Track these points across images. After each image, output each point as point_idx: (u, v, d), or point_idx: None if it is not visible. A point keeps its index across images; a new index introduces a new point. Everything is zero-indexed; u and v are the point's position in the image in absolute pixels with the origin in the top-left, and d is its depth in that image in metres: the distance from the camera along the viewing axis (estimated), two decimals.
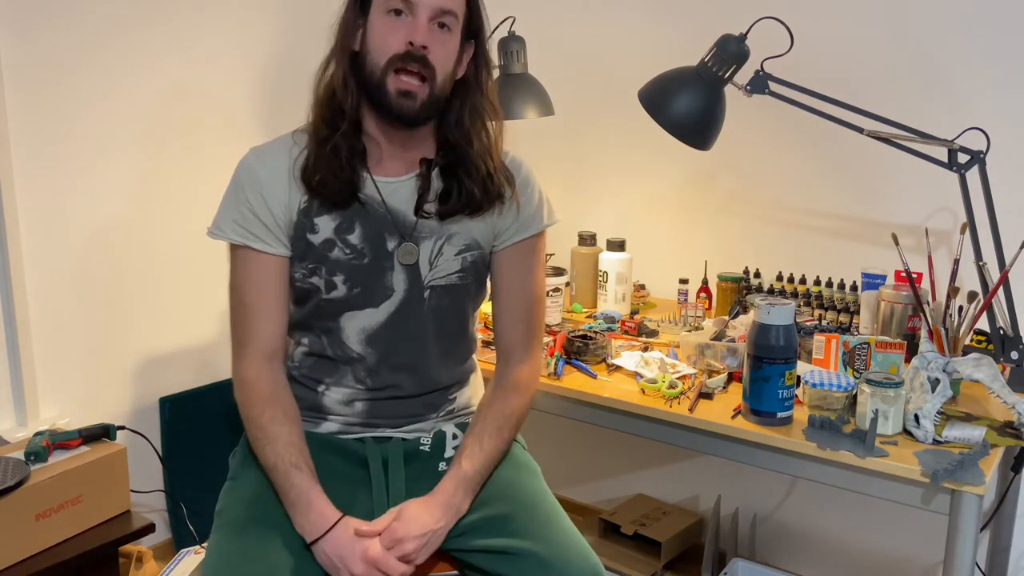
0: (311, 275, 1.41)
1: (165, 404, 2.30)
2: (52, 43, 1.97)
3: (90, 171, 2.08)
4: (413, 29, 1.32)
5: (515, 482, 1.43)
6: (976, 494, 1.32)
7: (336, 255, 1.40)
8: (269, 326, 1.42)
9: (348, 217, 1.40)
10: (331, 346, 1.44)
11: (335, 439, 1.46)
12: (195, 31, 2.23)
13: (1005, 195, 1.74)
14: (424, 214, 1.41)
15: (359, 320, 1.42)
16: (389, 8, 1.33)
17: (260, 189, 1.39)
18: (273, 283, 1.41)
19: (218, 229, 1.42)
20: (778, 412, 1.49)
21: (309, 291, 1.42)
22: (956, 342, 1.61)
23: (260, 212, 1.39)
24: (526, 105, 2.11)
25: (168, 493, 2.27)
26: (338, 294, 1.41)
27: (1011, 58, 1.83)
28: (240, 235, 1.39)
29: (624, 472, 2.52)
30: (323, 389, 1.46)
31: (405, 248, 1.41)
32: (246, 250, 1.40)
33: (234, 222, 1.40)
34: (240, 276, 1.42)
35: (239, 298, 1.42)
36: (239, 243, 1.40)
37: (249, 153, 1.43)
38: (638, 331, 1.97)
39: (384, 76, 1.33)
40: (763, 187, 2.18)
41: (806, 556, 2.25)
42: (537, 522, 1.36)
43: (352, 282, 1.41)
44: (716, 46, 1.71)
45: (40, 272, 2.01)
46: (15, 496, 1.55)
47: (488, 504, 1.39)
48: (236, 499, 1.40)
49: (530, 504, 1.40)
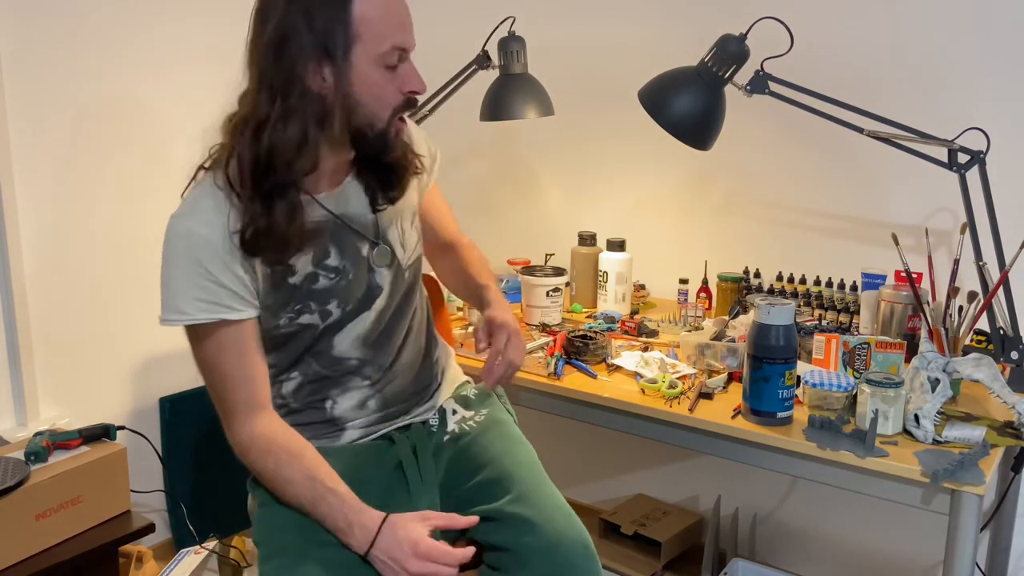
0: (299, 316, 1.36)
1: (165, 404, 2.30)
2: (52, 43, 1.97)
3: (90, 171, 2.08)
4: (410, 78, 1.29)
5: (508, 452, 1.46)
6: (976, 494, 1.32)
7: (322, 284, 1.36)
8: (253, 388, 1.34)
9: (320, 243, 1.35)
10: (326, 366, 1.42)
11: (357, 446, 1.45)
12: (195, 29, 2.23)
13: (1005, 195, 1.74)
14: (380, 207, 1.40)
15: (352, 330, 1.41)
16: (387, 63, 1.26)
17: (218, 255, 1.26)
18: (251, 346, 1.32)
19: (178, 314, 1.27)
20: (778, 412, 1.49)
21: (296, 332, 1.37)
22: (956, 342, 1.61)
23: (225, 279, 1.27)
24: (526, 105, 2.10)
25: (168, 493, 2.27)
26: (334, 319, 1.39)
27: (1011, 58, 1.83)
28: (209, 311, 1.27)
29: (624, 472, 2.52)
30: (331, 405, 1.44)
31: (379, 251, 1.41)
32: (216, 326, 1.29)
33: (197, 300, 1.26)
34: (212, 351, 1.30)
35: (216, 371, 1.32)
36: (210, 320, 1.28)
37: (181, 221, 1.27)
38: (638, 331, 1.97)
39: (387, 127, 1.30)
40: (763, 187, 2.18)
41: (806, 556, 2.25)
42: (527, 488, 1.38)
43: (345, 302, 1.39)
44: (716, 46, 1.71)
45: (40, 272, 2.01)
46: (15, 496, 1.54)
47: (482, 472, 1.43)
48: (280, 525, 1.35)
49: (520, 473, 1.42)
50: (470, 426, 1.52)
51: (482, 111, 2.15)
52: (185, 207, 1.29)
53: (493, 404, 1.59)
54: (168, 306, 1.28)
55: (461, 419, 1.54)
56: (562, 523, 1.34)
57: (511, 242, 2.57)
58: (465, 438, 1.50)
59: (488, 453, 1.45)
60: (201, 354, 1.32)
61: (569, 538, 1.33)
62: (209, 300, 1.27)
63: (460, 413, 1.55)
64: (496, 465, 1.43)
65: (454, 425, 1.52)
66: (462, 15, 2.56)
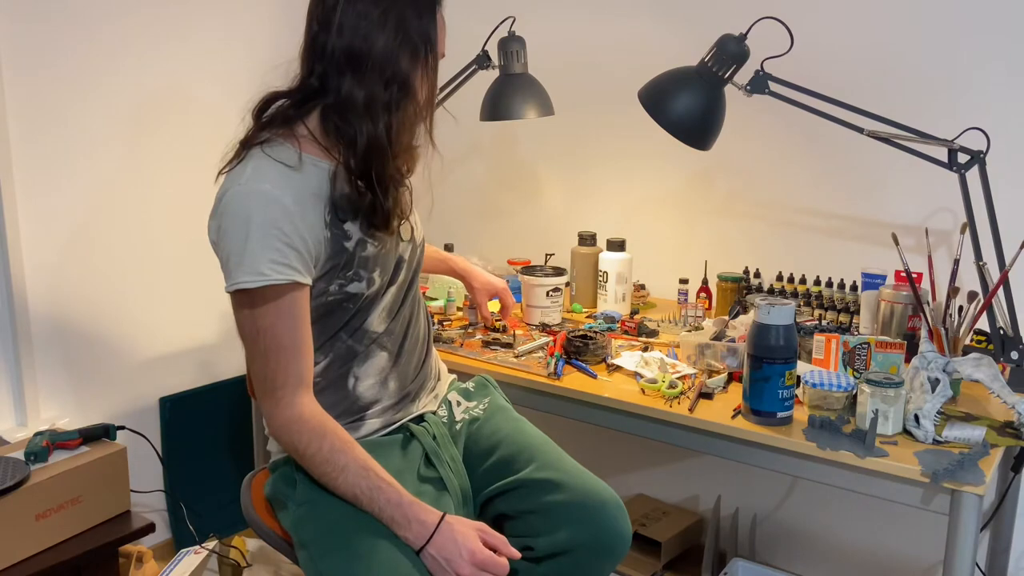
0: (348, 283, 1.37)
1: (165, 404, 2.30)
2: (52, 41, 1.97)
3: (90, 171, 2.08)
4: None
5: (518, 430, 1.53)
6: (976, 494, 1.32)
7: (369, 251, 1.38)
8: (305, 362, 1.33)
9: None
10: (358, 341, 1.43)
11: (379, 441, 1.45)
12: (196, 28, 2.23)
13: (1005, 195, 1.74)
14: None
15: (383, 302, 1.44)
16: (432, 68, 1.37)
17: (291, 218, 1.27)
18: (305, 317, 1.33)
19: (258, 275, 1.26)
20: (778, 412, 1.49)
21: (341, 302, 1.38)
22: (956, 342, 1.61)
23: (297, 243, 1.28)
24: (526, 105, 2.10)
25: (168, 493, 2.27)
26: (376, 288, 1.41)
27: (1011, 58, 1.83)
28: (284, 273, 1.27)
29: (624, 472, 2.52)
30: (353, 383, 1.44)
31: (406, 226, 1.46)
32: (283, 288, 1.28)
33: (272, 262, 1.26)
34: (272, 317, 1.29)
35: (272, 341, 1.30)
36: (284, 282, 1.27)
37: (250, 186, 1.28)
38: (638, 331, 1.97)
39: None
40: (763, 187, 2.18)
41: (806, 556, 2.25)
42: (547, 457, 1.47)
43: (384, 272, 1.42)
44: (716, 46, 1.71)
45: (40, 272, 2.01)
46: (15, 496, 1.55)
47: (496, 452, 1.50)
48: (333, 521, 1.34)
49: (535, 445, 1.50)
50: (475, 414, 1.57)
51: (482, 111, 2.15)
52: (247, 176, 1.29)
53: (492, 394, 1.63)
54: (247, 268, 1.26)
55: (465, 409, 1.58)
56: (590, 481, 1.43)
57: (511, 242, 2.57)
58: (474, 424, 1.55)
59: (499, 434, 1.52)
60: (256, 323, 1.30)
61: (599, 492, 1.43)
62: (284, 263, 1.27)
63: (464, 404, 1.60)
64: (510, 442, 1.50)
65: (461, 414, 1.57)
66: (462, 15, 2.55)
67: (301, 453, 1.33)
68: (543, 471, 1.44)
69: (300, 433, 1.31)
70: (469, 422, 1.56)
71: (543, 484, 1.42)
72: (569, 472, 1.45)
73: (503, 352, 1.88)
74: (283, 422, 1.32)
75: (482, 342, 1.94)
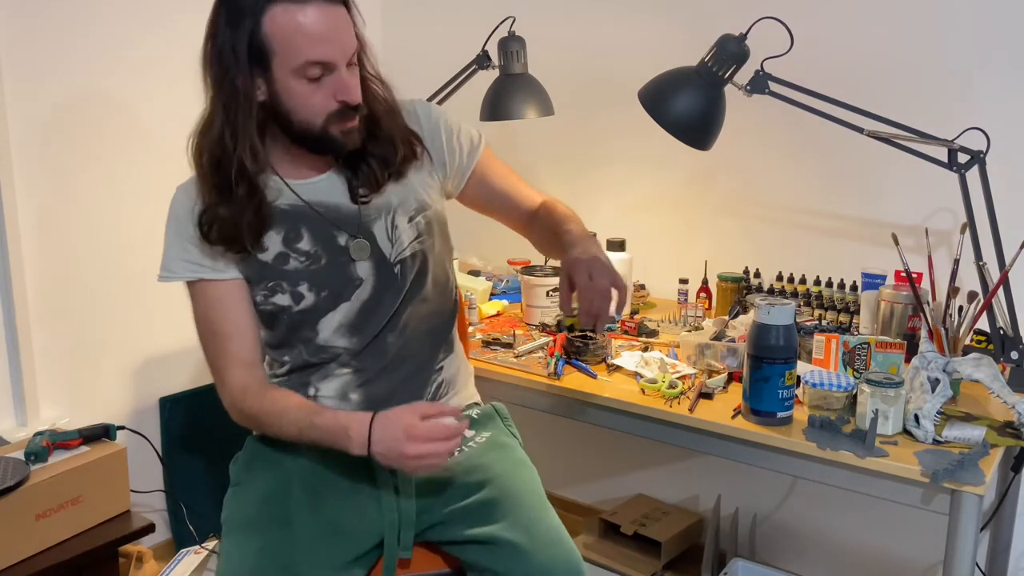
0: (272, 294, 1.40)
1: (165, 404, 2.30)
2: (53, 41, 1.97)
3: (89, 170, 2.08)
4: (340, 87, 1.31)
5: (509, 475, 1.44)
6: (976, 494, 1.32)
7: (293, 266, 1.39)
8: (245, 343, 1.41)
9: (292, 226, 1.39)
10: (312, 354, 1.44)
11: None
12: (197, 26, 2.23)
13: (1005, 195, 1.74)
14: (363, 199, 1.42)
15: (335, 318, 1.42)
16: (308, 75, 1.29)
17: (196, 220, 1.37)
18: (238, 304, 1.40)
19: (168, 272, 1.41)
20: (778, 412, 1.49)
21: (276, 312, 1.41)
22: (956, 342, 1.61)
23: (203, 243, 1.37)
24: (526, 105, 2.10)
25: (168, 493, 2.27)
26: (308, 303, 1.40)
27: (1011, 58, 1.83)
28: (191, 270, 1.39)
29: (624, 472, 2.52)
30: (314, 392, 1.45)
31: (356, 245, 1.41)
32: (201, 284, 1.40)
33: (182, 260, 1.39)
34: (202, 308, 1.41)
35: (208, 329, 1.41)
36: (193, 279, 1.39)
37: (178, 191, 1.42)
38: (638, 331, 1.97)
39: (325, 129, 1.33)
40: (763, 187, 2.18)
41: (806, 556, 2.25)
42: (523, 514, 1.36)
43: (318, 287, 1.40)
44: (716, 46, 1.71)
45: (40, 272, 2.01)
46: (15, 496, 1.55)
47: (480, 492, 1.40)
48: (245, 503, 1.40)
49: (519, 497, 1.40)
50: (469, 447, 1.49)
51: (482, 111, 2.15)
52: (186, 183, 1.42)
53: (496, 427, 1.56)
54: (163, 265, 1.41)
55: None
56: (555, 551, 1.32)
57: (511, 242, 2.55)
58: (463, 455, 1.47)
59: (489, 473, 1.43)
60: (196, 313, 1.43)
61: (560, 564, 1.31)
62: (192, 260, 1.39)
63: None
64: (496, 486, 1.40)
65: None
66: (462, 15, 2.56)
67: (247, 414, 1.39)
68: (513, 531, 1.33)
69: (245, 398, 1.39)
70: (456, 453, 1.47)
71: (509, 547, 1.31)
72: (538, 537, 1.33)
73: (503, 352, 1.88)
74: (230, 394, 1.40)
75: (482, 342, 1.94)
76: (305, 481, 1.40)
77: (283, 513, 1.35)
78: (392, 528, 1.37)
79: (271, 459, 1.45)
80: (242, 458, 1.51)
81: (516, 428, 1.60)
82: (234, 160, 1.32)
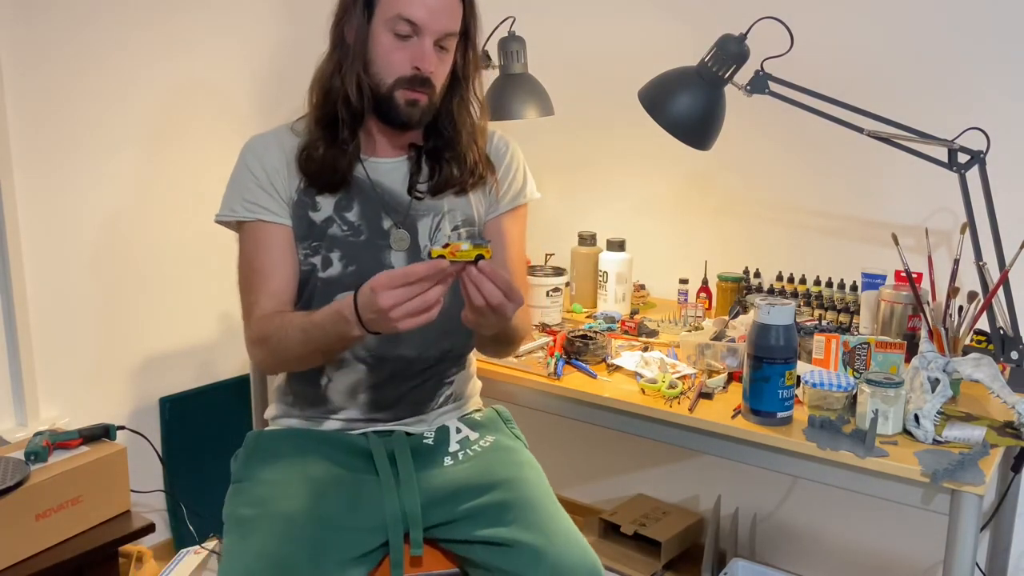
0: (312, 254, 1.44)
1: (165, 404, 2.30)
2: (53, 40, 1.97)
3: (90, 171, 2.08)
4: (420, 55, 1.38)
5: (519, 477, 1.44)
6: (976, 494, 1.32)
7: (334, 232, 1.45)
8: (282, 283, 1.43)
9: (347, 195, 1.46)
10: None
11: (337, 435, 1.48)
12: (197, 26, 2.23)
13: (1005, 195, 1.74)
14: (418, 194, 1.47)
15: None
16: (396, 30, 1.37)
17: (264, 166, 1.44)
18: (282, 248, 1.44)
19: (228, 211, 1.45)
20: (778, 412, 1.49)
21: (308, 273, 1.45)
22: (956, 342, 1.61)
23: (267, 187, 1.43)
24: (526, 105, 2.10)
25: (168, 493, 2.27)
26: (333, 272, 1.43)
27: (1011, 58, 1.83)
28: (250, 210, 1.43)
29: (624, 472, 2.52)
30: (326, 382, 1.47)
31: (397, 235, 1.46)
32: (256, 224, 1.43)
33: (243, 199, 1.44)
34: (250, 247, 1.45)
35: (248, 266, 1.44)
36: (250, 219, 1.43)
37: (252, 139, 1.49)
38: (638, 331, 1.97)
39: (391, 91, 1.40)
40: (763, 187, 2.18)
41: (806, 556, 2.25)
42: (538, 516, 1.37)
43: (347, 260, 1.43)
44: (716, 46, 1.71)
45: (40, 272, 2.01)
46: (15, 496, 1.55)
47: (490, 493, 1.40)
48: (246, 500, 1.40)
49: (532, 499, 1.40)
50: (474, 450, 1.50)
51: None
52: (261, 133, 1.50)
53: (500, 431, 1.57)
54: (224, 204, 1.46)
55: (464, 439, 1.52)
56: (571, 550, 1.32)
57: None
58: (469, 458, 1.48)
59: (498, 475, 1.43)
60: (241, 253, 1.46)
61: (577, 565, 1.31)
62: (252, 201, 1.44)
63: (464, 432, 1.54)
64: (507, 488, 1.41)
65: (456, 444, 1.51)
66: None
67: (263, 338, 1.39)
68: (527, 532, 1.33)
69: (261, 325, 1.39)
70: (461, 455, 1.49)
71: (524, 548, 1.31)
72: (553, 537, 1.33)
73: None
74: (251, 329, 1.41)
75: None
76: (306, 477, 1.41)
77: (284, 510, 1.35)
78: (395, 525, 1.37)
79: (272, 454, 1.46)
80: (242, 454, 1.51)
81: (519, 430, 1.61)
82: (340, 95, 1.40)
